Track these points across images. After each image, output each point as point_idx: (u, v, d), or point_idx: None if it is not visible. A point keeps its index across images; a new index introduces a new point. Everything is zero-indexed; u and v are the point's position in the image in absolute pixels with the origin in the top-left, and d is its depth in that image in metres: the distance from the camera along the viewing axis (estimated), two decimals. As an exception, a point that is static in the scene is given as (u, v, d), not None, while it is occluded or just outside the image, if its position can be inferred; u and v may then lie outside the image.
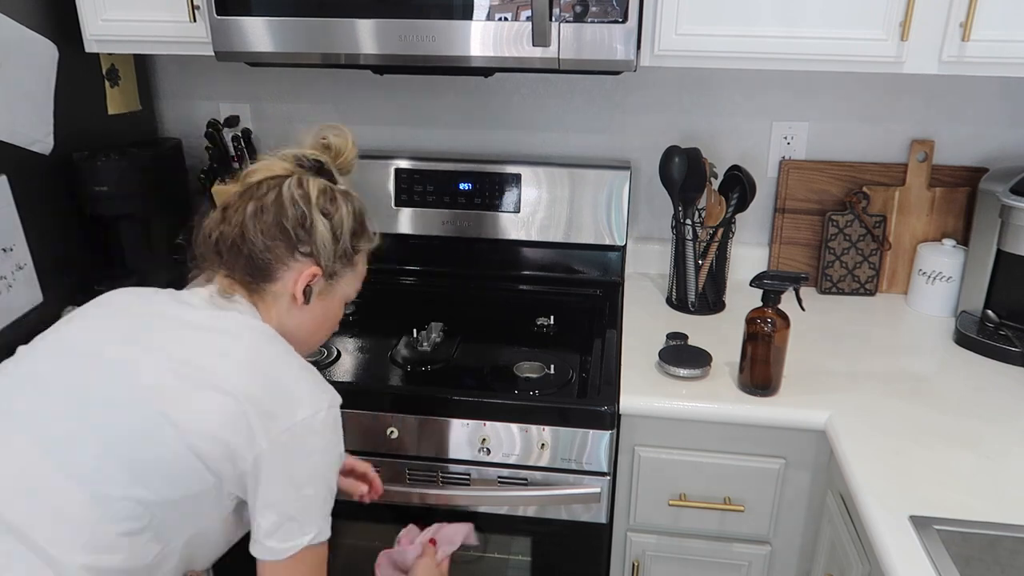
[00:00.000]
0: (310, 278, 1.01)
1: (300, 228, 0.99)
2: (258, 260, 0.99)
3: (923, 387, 1.34)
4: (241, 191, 1.02)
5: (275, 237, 0.98)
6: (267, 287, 1.00)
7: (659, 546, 1.41)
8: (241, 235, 0.98)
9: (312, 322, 1.06)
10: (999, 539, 0.99)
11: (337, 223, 1.01)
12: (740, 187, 1.58)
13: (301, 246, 0.99)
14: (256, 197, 0.99)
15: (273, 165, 1.03)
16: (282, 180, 1.00)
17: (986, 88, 1.63)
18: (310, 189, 1.00)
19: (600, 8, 1.28)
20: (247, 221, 0.98)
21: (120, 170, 1.54)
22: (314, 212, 0.99)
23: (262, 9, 1.36)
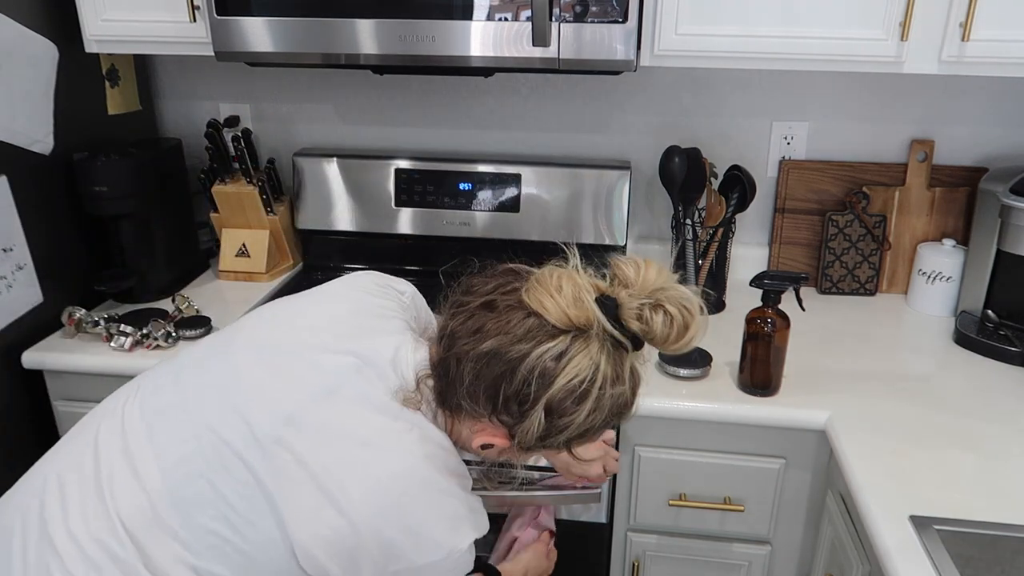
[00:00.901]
0: (492, 443, 0.84)
1: (515, 404, 0.79)
2: (453, 395, 0.82)
3: (923, 387, 1.34)
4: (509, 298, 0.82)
5: (480, 394, 0.80)
6: (450, 413, 0.85)
7: (659, 546, 1.41)
8: (458, 361, 0.80)
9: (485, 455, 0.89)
10: (999, 539, 0.99)
11: (559, 426, 0.80)
12: (740, 187, 1.58)
13: (503, 415, 0.80)
14: (504, 331, 0.79)
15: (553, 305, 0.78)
16: (546, 336, 0.78)
17: (986, 88, 1.63)
18: (560, 373, 0.77)
19: (600, 8, 1.28)
20: (472, 357, 0.80)
21: (120, 170, 1.54)
22: (540, 403, 0.78)
23: (262, 9, 1.36)
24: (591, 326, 0.78)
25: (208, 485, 0.78)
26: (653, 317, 0.80)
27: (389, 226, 1.79)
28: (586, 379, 0.78)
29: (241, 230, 1.77)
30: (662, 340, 0.81)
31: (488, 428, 0.83)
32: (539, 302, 0.79)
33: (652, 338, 0.81)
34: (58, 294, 1.51)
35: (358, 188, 1.79)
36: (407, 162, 1.76)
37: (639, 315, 0.80)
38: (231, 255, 1.76)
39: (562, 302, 0.78)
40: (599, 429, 0.83)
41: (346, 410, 0.81)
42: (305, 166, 1.79)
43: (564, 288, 0.79)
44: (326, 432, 0.79)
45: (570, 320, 0.78)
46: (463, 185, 1.74)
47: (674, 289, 0.82)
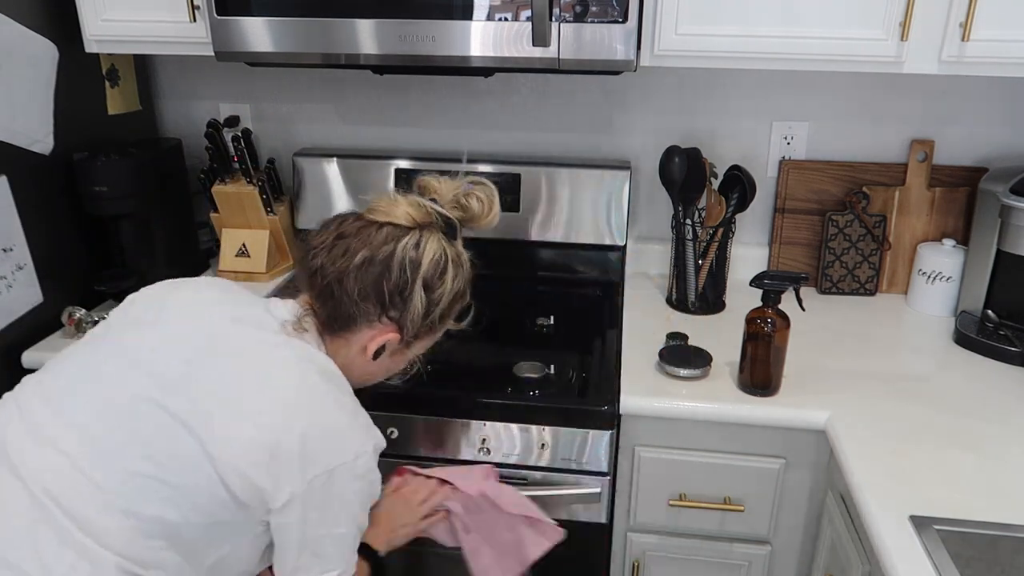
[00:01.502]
0: (386, 341, 0.99)
1: (397, 295, 0.97)
2: (344, 311, 0.97)
3: (923, 387, 1.34)
4: (361, 225, 0.98)
5: (368, 297, 0.96)
6: (343, 334, 1.00)
7: (659, 546, 1.41)
8: (339, 281, 0.96)
9: (373, 372, 1.05)
10: (999, 539, 0.99)
11: (435, 299, 0.99)
12: (740, 187, 1.58)
13: (391, 311, 0.98)
14: (367, 243, 0.97)
15: (400, 212, 0.99)
16: (402, 235, 0.97)
17: (986, 88, 1.63)
18: (423, 255, 0.97)
19: (600, 8, 1.28)
20: (351, 270, 0.96)
21: (120, 170, 1.54)
22: (417, 284, 0.97)
23: (262, 9, 1.36)
24: (430, 219, 1.00)
25: (126, 434, 0.87)
26: (470, 202, 1.04)
27: (389, 226, 1.79)
28: (442, 256, 0.99)
29: (241, 230, 1.77)
30: (479, 215, 1.04)
31: (379, 330, 0.99)
32: (385, 214, 0.99)
33: (472, 216, 1.04)
34: (58, 294, 1.51)
35: (358, 188, 1.78)
36: (407, 162, 1.76)
37: (457, 204, 1.03)
38: (231, 255, 1.76)
39: (404, 207, 0.99)
40: (459, 299, 1.04)
41: (239, 343, 0.94)
42: (305, 166, 1.79)
43: (398, 200, 1.00)
44: (226, 361, 0.91)
45: (414, 218, 0.99)
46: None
47: (471, 181, 1.06)
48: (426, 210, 1.00)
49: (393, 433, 1.32)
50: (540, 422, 1.28)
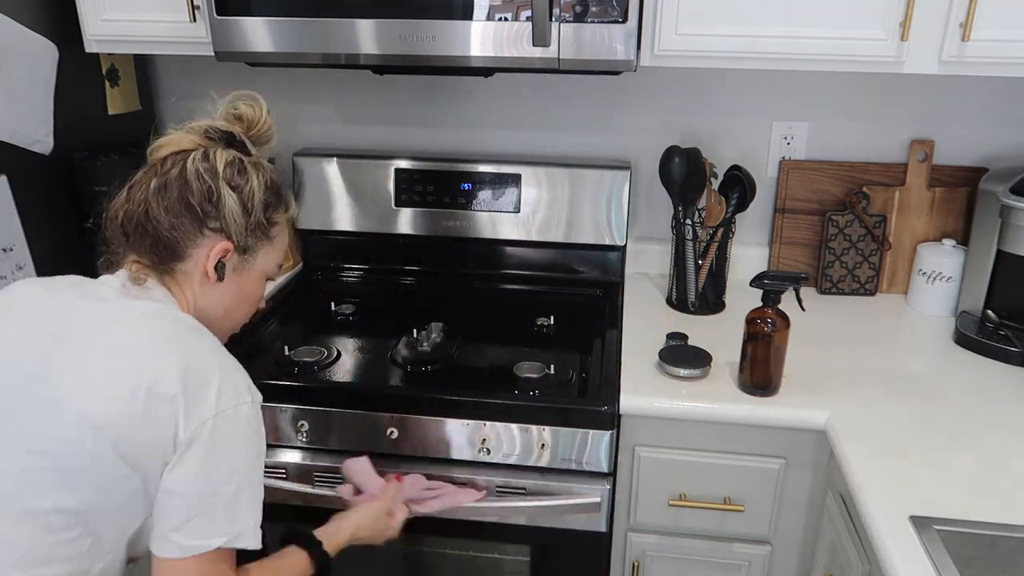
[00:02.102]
0: (221, 253, 0.97)
1: (207, 203, 0.95)
2: (164, 238, 0.95)
3: (923, 387, 1.34)
4: (146, 168, 0.99)
5: (180, 214, 0.95)
6: (177, 266, 0.97)
7: (659, 546, 1.41)
8: (145, 214, 0.95)
9: (229, 299, 1.02)
10: (999, 539, 0.99)
11: (247, 195, 0.98)
12: (740, 187, 1.58)
13: (209, 221, 0.96)
14: (160, 173, 0.96)
15: (180, 139, 0.99)
16: (187, 154, 0.97)
17: (986, 88, 1.63)
18: (216, 162, 0.97)
19: (600, 8, 1.28)
20: (150, 198, 0.95)
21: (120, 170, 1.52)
22: (221, 185, 0.96)
23: (262, 9, 1.36)
24: (212, 135, 1.00)
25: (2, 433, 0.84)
26: (240, 109, 1.04)
27: (389, 226, 1.79)
28: (234, 159, 0.99)
29: (241, 230, 1.76)
30: (255, 120, 1.04)
31: (207, 246, 0.97)
32: (166, 147, 0.99)
33: (248, 123, 1.04)
34: (58, 294, 1.51)
35: (358, 188, 1.79)
36: (407, 162, 1.76)
37: (230, 116, 1.04)
38: (231, 255, 1.76)
39: (180, 135, 1.00)
40: (276, 197, 1.03)
41: (86, 316, 0.92)
42: (305, 166, 1.79)
43: (174, 133, 1.01)
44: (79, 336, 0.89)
45: (194, 141, 0.99)
46: (463, 185, 1.74)
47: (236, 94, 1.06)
48: (201, 129, 1.00)
49: (393, 433, 1.32)
50: (540, 422, 1.28)
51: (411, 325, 1.52)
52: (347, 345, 1.51)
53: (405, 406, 1.31)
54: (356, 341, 1.53)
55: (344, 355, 1.47)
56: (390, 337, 1.51)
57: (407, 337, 1.49)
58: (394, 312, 1.68)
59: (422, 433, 1.32)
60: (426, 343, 1.46)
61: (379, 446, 1.33)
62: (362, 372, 1.43)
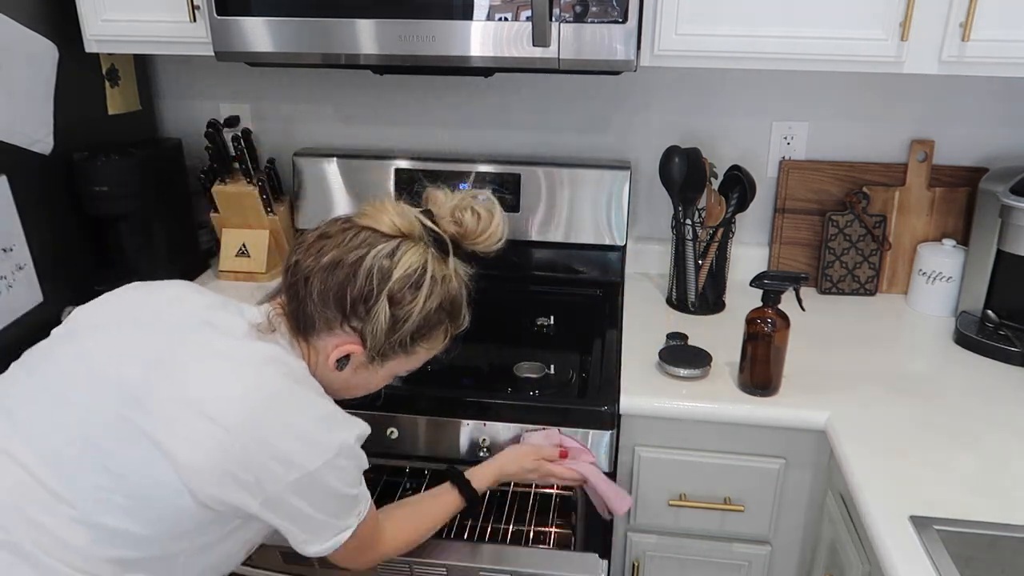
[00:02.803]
0: (349, 352, 0.94)
1: (361, 303, 0.91)
2: (306, 312, 0.93)
3: (923, 387, 1.34)
4: (344, 227, 0.94)
5: (329, 302, 0.91)
6: (308, 338, 0.95)
7: (659, 546, 1.41)
8: (306, 280, 0.92)
9: (344, 385, 1.00)
10: (999, 539, 0.99)
11: (403, 316, 0.92)
12: (740, 187, 1.58)
13: (353, 320, 0.92)
14: (342, 245, 0.92)
15: (383, 216, 0.93)
16: (378, 241, 0.92)
17: (986, 88, 1.63)
18: (395, 267, 0.91)
19: (600, 8, 1.28)
20: (317, 272, 0.91)
21: (120, 170, 1.54)
22: (383, 296, 0.91)
23: (262, 9, 1.36)
24: (415, 230, 0.94)
25: (83, 442, 0.84)
26: (464, 216, 0.98)
27: (389, 226, 1.79)
28: (418, 269, 0.92)
29: (241, 230, 1.77)
30: (475, 232, 0.98)
31: (341, 338, 0.94)
32: (370, 218, 0.94)
33: (466, 233, 0.98)
34: (58, 294, 1.51)
35: (358, 188, 1.79)
36: (407, 162, 1.76)
37: (453, 218, 0.97)
38: (231, 255, 1.77)
39: (389, 215, 0.94)
40: (437, 323, 0.97)
41: (206, 341, 0.90)
42: (305, 166, 1.79)
43: (388, 207, 0.95)
44: (189, 366, 0.87)
45: (397, 227, 0.93)
46: (463, 185, 1.74)
47: (474, 195, 1.00)
48: (411, 219, 0.95)
49: (393, 433, 1.32)
50: (540, 422, 1.28)
51: (411, 325, 1.51)
52: (347, 345, 1.51)
53: (405, 406, 1.31)
54: (356, 341, 1.53)
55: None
56: (390, 337, 1.51)
57: (407, 337, 1.49)
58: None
59: (422, 433, 1.32)
60: (426, 343, 1.46)
61: (379, 446, 1.33)
62: (362, 372, 1.43)
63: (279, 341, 0.93)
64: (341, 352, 0.94)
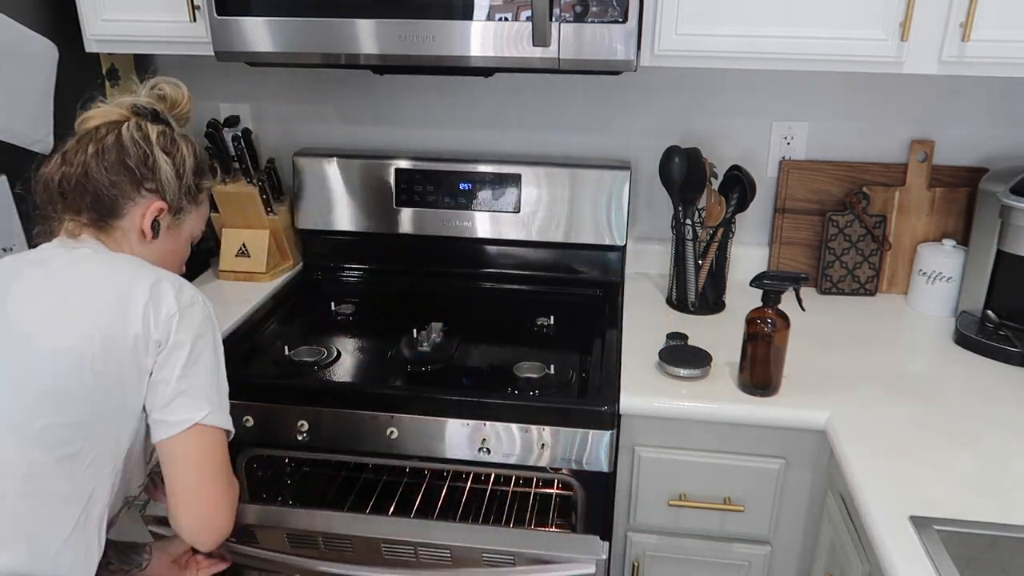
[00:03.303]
0: (157, 212, 1.07)
1: (143, 166, 1.05)
2: (104, 197, 1.04)
3: (923, 387, 1.34)
4: (78, 137, 1.06)
5: (120, 173, 1.03)
6: (115, 223, 1.06)
7: (659, 546, 1.41)
8: (85, 174, 1.03)
9: (160, 256, 1.10)
10: (999, 539, 0.99)
11: (179, 161, 1.08)
12: (740, 187, 1.58)
13: (146, 183, 1.05)
14: (96, 139, 1.05)
15: (109, 112, 1.07)
16: (120, 124, 1.06)
17: (986, 88, 1.63)
18: (149, 131, 1.06)
19: (600, 8, 1.28)
20: (89, 160, 1.03)
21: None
22: (156, 151, 1.06)
23: (262, 9, 1.36)
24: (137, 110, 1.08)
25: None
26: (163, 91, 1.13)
27: (389, 226, 1.79)
28: (164, 129, 1.09)
29: (241, 230, 1.77)
30: (178, 99, 1.13)
31: (144, 205, 1.06)
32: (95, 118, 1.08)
33: (171, 102, 1.13)
34: (58, 294, 1.51)
35: (358, 188, 1.79)
36: (407, 162, 1.76)
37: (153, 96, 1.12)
38: (231, 255, 1.77)
39: (110, 107, 1.09)
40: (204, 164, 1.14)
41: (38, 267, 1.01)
42: (305, 166, 1.79)
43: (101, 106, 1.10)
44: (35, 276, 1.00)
45: (122, 113, 1.08)
46: (463, 185, 1.74)
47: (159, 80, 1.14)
48: (128, 104, 1.09)
49: (393, 433, 1.32)
50: (540, 422, 1.28)
51: (411, 325, 1.52)
52: (347, 345, 1.51)
53: (405, 406, 1.31)
54: (356, 341, 1.53)
55: (344, 355, 1.47)
56: (390, 337, 1.51)
57: (407, 337, 1.49)
58: (394, 312, 1.68)
59: (422, 433, 1.32)
60: (426, 343, 1.46)
61: (379, 446, 1.33)
62: (362, 372, 1.43)
63: (89, 244, 1.04)
64: (152, 215, 1.06)
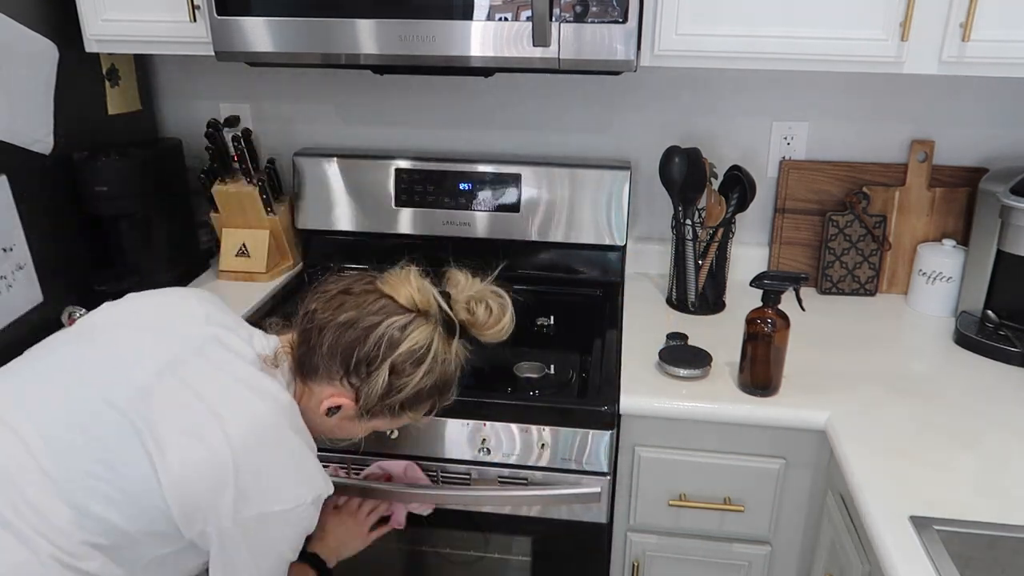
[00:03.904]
0: (340, 404, 0.99)
1: (364, 365, 0.96)
2: (312, 360, 0.98)
3: (923, 387, 1.34)
4: (365, 285, 1.00)
5: (336, 356, 0.96)
6: (308, 382, 1.00)
7: (659, 546, 1.41)
8: (320, 330, 0.97)
9: (329, 430, 1.05)
10: (999, 539, 0.99)
11: (399, 386, 0.98)
12: (740, 187, 1.58)
13: (352, 378, 0.97)
14: (360, 307, 0.97)
15: (403, 289, 0.98)
16: (395, 312, 0.97)
17: (986, 88, 1.63)
18: (404, 340, 0.96)
19: (600, 8, 1.28)
20: (332, 324, 0.97)
21: (120, 170, 1.54)
22: (385, 364, 0.96)
23: (262, 9, 1.36)
24: (430, 309, 0.99)
25: (82, 430, 0.87)
26: (477, 308, 1.03)
27: (389, 226, 1.79)
28: (424, 347, 0.97)
29: (241, 230, 1.77)
30: (483, 325, 1.04)
31: (338, 391, 0.99)
32: (391, 287, 0.99)
33: (475, 323, 1.03)
34: (58, 294, 1.51)
35: (358, 188, 1.79)
36: (407, 162, 1.76)
37: (467, 307, 1.03)
38: (231, 255, 1.76)
39: (410, 289, 0.99)
40: (427, 397, 1.02)
41: (219, 358, 0.94)
42: (305, 166, 1.79)
43: (412, 280, 1.00)
44: (195, 381, 0.91)
45: (415, 302, 0.98)
46: (463, 185, 1.74)
47: (493, 290, 1.06)
48: (429, 299, 1.00)
49: (393, 433, 1.32)
50: (540, 422, 1.28)
51: (411, 325, 1.52)
52: (347, 345, 1.51)
53: (405, 406, 1.31)
54: (356, 341, 1.53)
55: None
56: (390, 337, 1.51)
57: (407, 337, 1.49)
58: (394, 312, 1.68)
59: (422, 433, 1.32)
60: (426, 343, 1.46)
61: (379, 446, 1.33)
62: (362, 372, 1.43)
63: (279, 377, 0.97)
64: (334, 403, 0.99)
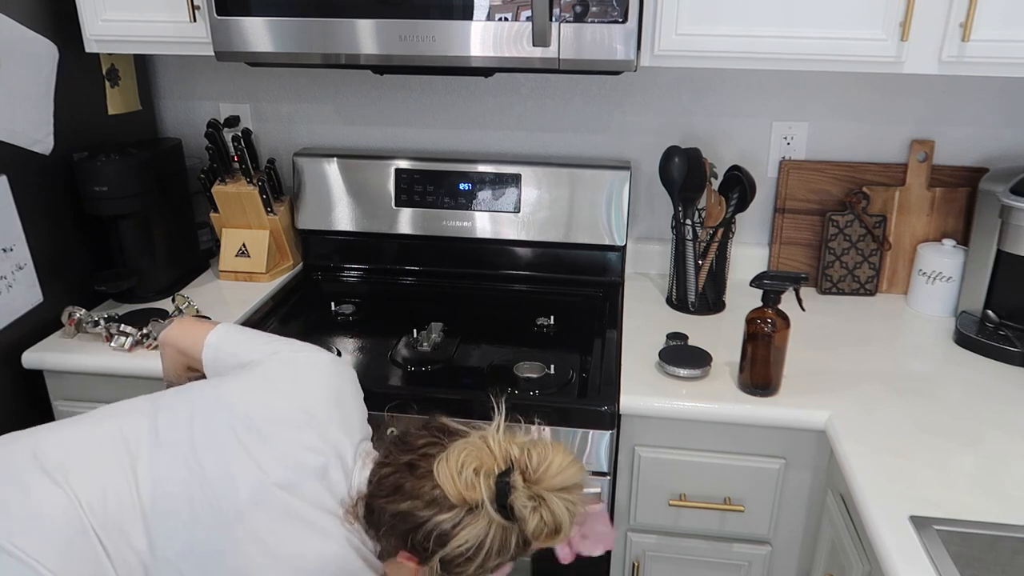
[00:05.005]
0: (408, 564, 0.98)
1: (420, 550, 0.95)
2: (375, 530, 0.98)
3: (923, 387, 1.34)
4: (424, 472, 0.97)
5: (392, 536, 0.97)
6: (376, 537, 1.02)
7: (659, 546, 1.41)
8: (382, 509, 0.96)
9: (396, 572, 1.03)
10: (999, 539, 0.99)
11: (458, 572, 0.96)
12: (740, 187, 1.58)
13: (412, 551, 0.97)
14: (416, 498, 0.95)
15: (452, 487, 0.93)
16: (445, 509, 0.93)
17: (986, 88, 1.63)
18: (454, 537, 0.93)
19: (600, 8, 1.28)
20: (390, 509, 0.96)
21: (120, 170, 1.54)
22: (436, 556, 0.94)
23: (262, 9, 1.36)
24: (480, 506, 0.93)
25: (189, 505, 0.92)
26: (531, 515, 0.93)
27: (389, 226, 1.79)
28: (474, 546, 0.93)
29: (241, 230, 1.77)
30: (532, 534, 0.94)
31: (401, 554, 0.98)
32: (444, 476, 0.94)
33: (524, 527, 0.94)
34: (58, 294, 1.51)
35: (358, 188, 1.79)
36: (407, 162, 1.76)
37: (524, 506, 0.93)
38: (231, 255, 1.77)
39: (459, 485, 0.93)
40: (495, 567, 0.97)
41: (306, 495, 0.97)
42: (305, 166, 1.79)
43: (464, 471, 0.94)
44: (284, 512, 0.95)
45: (464, 500, 0.93)
46: (463, 185, 1.74)
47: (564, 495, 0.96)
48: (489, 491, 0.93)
49: (393, 433, 1.31)
50: (540, 422, 1.28)
51: (411, 325, 1.52)
52: (347, 345, 1.51)
53: (405, 406, 1.31)
54: (356, 341, 1.53)
55: (344, 355, 1.47)
56: (390, 337, 1.51)
57: (407, 337, 1.49)
58: (394, 312, 1.68)
59: (422, 433, 1.31)
60: (426, 343, 1.47)
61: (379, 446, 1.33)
62: (362, 372, 1.43)
63: (358, 527, 0.99)
64: (403, 560, 0.98)
